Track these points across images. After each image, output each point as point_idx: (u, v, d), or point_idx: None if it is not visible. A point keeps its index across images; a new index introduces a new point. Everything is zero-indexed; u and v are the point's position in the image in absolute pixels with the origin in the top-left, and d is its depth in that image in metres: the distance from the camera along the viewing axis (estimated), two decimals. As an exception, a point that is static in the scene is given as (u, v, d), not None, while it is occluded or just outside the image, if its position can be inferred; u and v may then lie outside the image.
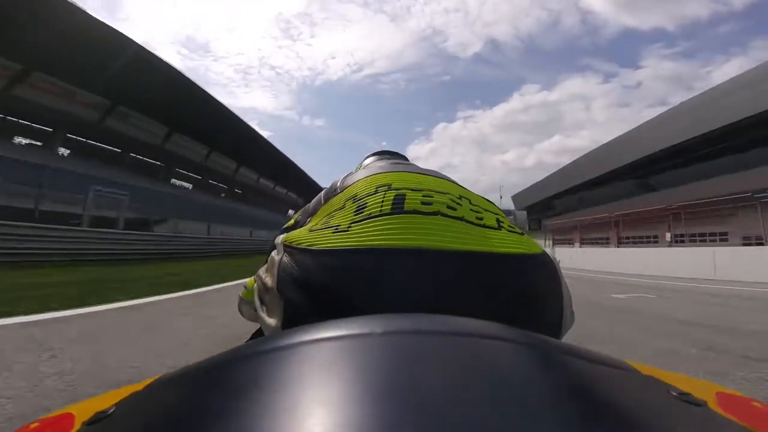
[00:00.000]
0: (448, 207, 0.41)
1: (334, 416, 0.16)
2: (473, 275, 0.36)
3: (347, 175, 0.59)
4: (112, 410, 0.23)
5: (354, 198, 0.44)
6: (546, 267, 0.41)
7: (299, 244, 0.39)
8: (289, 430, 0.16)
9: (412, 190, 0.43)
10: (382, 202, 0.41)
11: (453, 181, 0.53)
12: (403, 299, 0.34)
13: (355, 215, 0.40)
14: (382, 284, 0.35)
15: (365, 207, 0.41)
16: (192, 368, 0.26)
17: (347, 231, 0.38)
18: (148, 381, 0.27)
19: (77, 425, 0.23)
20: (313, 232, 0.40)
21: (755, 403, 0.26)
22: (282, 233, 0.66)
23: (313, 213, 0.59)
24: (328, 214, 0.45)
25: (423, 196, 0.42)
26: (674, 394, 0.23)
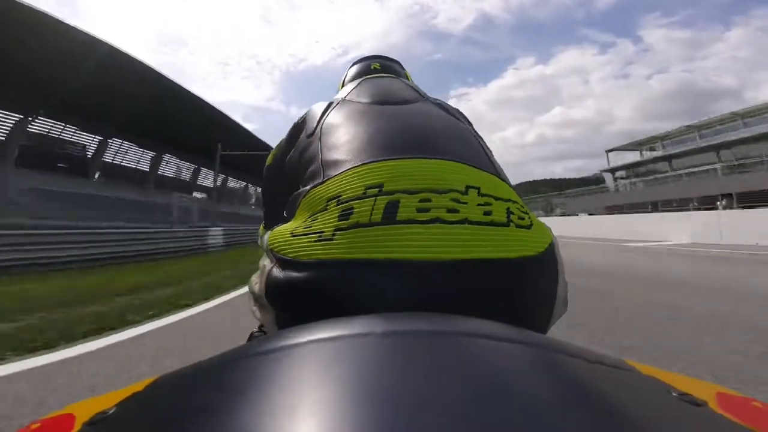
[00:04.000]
0: (449, 210, 0.37)
1: (334, 416, 0.16)
2: (468, 284, 0.35)
3: (325, 113, 0.55)
4: (112, 410, 0.23)
5: (338, 199, 0.39)
6: (545, 266, 0.40)
7: (286, 254, 0.38)
8: (289, 429, 0.15)
9: (407, 193, 0.38)
10: (372, 210, 0.37)
11: (464, 161, 0.44)
12: (394, 309, 0.33)
13: (339, 221, 0.37)
14: (370, 297, 0.34)
15: (351, 213, 0.37)
16: (192, 368, 0.26)
17: (331, 240, 0.36)
18: (148, 381, 0.27)
19: (77, 425, 0.23)
20: (296, 238, 0.39)
21: (755, 403, 0.25)
22: (264, 183, 0.68)
23: (288, 147, 0.57)
24: (310, 216, 0.41)
25: (420, 201, 0.38)
26: (674, 394, 0.22)
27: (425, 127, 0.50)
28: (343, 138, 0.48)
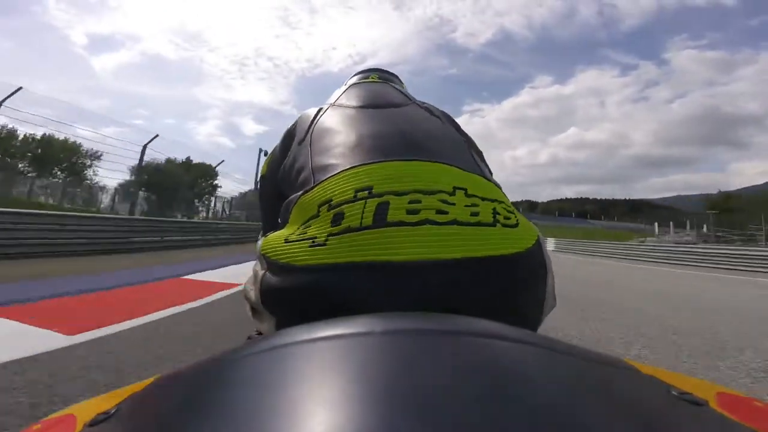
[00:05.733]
0: (438, 212, 0.38)
1: (334, 415, 0.16)
2: (460, 283, 0.36)
3: (315, 118, 0.57)
4: (113, 411, 0.23)
5: (329, 204, 0.40)
6: (532, 262, 0.41)
7: (278, 259, 0.39)
8: (289, 429, 0.15)
9: (396, 195, 0.39)
10: (363, 213, 0.38)
11: (450, 163, 0.45)
12: (384, 311, 0.34)
13: (332, 226, 0.38)
14: (363, 299, 0.35)
15: (343, 217, 0.38)
16: (192, 368, 0.26)
17: (324, 245, 0.37)
18: (149, 381, 0.28)
19: (79, 426, 0.23)
20: (289, 244, 0.40)
21: (756, 403, 0.25)
22: (260, 193, 0.69)
23: (281, 156, 0.59)
24: (303, 222, 0.42)
25: (409, 202, 0.38)
26: (675, 393, 0.22)
27: (413, 130, 0.51)
28: (332, 142, 0.49)
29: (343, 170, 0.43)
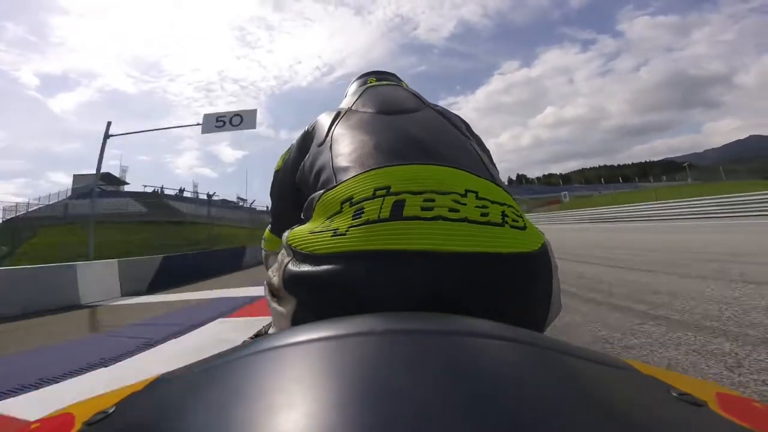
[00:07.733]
0: (450, 210, 0.41)
1: (332, 414, 0.16)
2: (469, 275, 0.38)
3: (334, 123, 0.59)
4: (112, 410, 0.23)
5: (350, 201, 0.43)
6: (539, 263, 0.43)
7: (302, 248, 0.41)
8: (288, 428, 0.15)
9: (412, 194, 0.42)
10: (381, 208, 0.41)
11: (462, 168, 0.48)
12: (401, 298, 0.36)
13: (353, 220, 0.41)
14: (379, 285, 0.37)
15: (363, 212, 0.41)
16: (191, 368, 0.26)
17: (345, 235, 0.40)
18: (147, 381, 0.27)
19: (77, 425, 0.23)
20: (314, 234, 0.42)
21: (755, 404, 0.25)
22: (273, 185, 0.74)
23: (299, 155, 0.62)
24: (327, 217, 0.45)
25: (424, 200, 0.41)
26: (674, 394, 0.22)
27: (427, 136, 0.54)
28: (351, 146, 0.52)
29: (363, 171, 0.46)
